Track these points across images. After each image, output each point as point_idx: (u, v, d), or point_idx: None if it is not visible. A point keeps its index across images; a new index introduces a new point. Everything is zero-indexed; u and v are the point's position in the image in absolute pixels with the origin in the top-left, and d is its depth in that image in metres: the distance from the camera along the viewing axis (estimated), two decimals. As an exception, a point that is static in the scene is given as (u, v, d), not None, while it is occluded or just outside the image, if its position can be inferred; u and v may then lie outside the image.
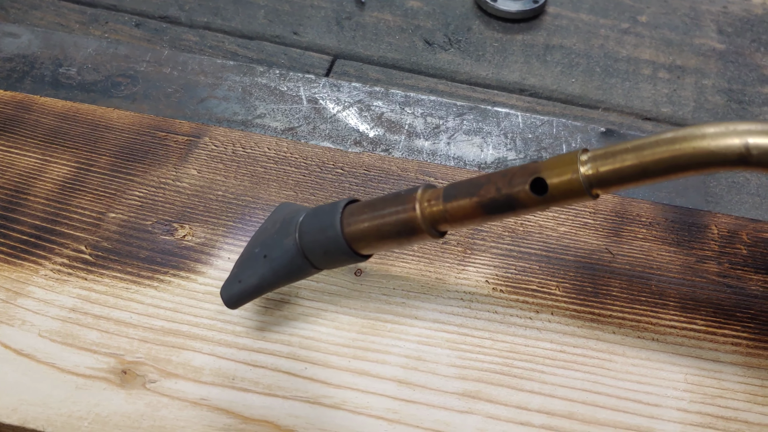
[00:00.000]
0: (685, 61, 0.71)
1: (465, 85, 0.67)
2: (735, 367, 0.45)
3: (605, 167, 0.34)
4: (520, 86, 0.68)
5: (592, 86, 0.68)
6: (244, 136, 0.54)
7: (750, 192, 0.60)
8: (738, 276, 0.49)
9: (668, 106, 0.67)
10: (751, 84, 0.70)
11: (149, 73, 0.62)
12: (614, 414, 0.42)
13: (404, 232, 0.38)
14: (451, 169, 0.54)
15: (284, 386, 0.42)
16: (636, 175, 0.34)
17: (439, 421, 0.42)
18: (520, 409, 0.42)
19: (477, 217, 0.37)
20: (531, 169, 0.36)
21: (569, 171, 0.35)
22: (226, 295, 0.42)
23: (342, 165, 0.53)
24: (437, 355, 0.44)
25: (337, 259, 0.40)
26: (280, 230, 0.41)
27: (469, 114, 0.62)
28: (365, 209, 0.39)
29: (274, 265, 0.40)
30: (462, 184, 0.38)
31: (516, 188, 0.36)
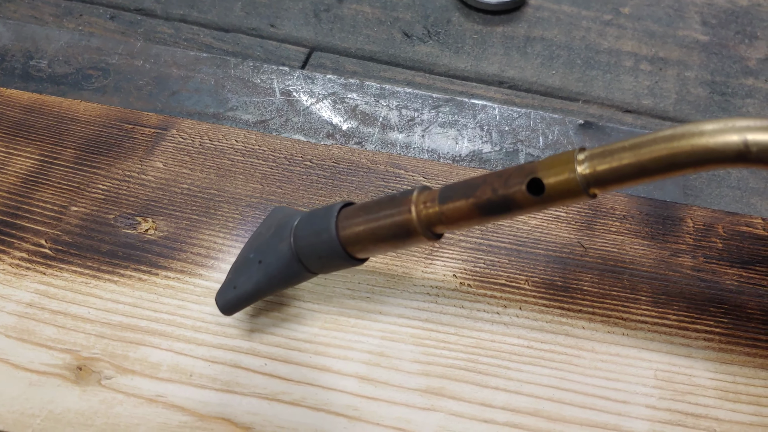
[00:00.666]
0: (668, 53, 0.70)
1: (443, 78, 0.66)
2: (707, 362, 0.44)
3: (602, 166, 0.33)
4: (499, 78, 0.66)
5: (573, 78, 0.67)
6: (212, 129, 0.53)
7: (730, 185, 0.59)
8: (713, 270, 0.48)
9: (649, 99, 0.66)
10: (734, 76, 0.68)
11: (121, 66, 0.61)
12: (581, 411, 0.41)
13: (400, 234, 0.38)
14: (422, 161, 0.53)
15: (243, 383, 0.41)
16: (634, 174, 0.33)
17: (401, 418, 0.41)
18: (484, 406, 0.41)
19: (473, 219, 0.37)
20: (527, 170, 0.35)
21: (566, 171, 0.34)
22: (221, 302, 0.41)
23: (311, 157, 0.52)
24: (401, 350, 0.43)
25: (333, 263, 0.39)
26: (274, 235, 0.40)
27: (445, 106, 0.61)
28: (360, 212, 0.38)
29: (270, 270, 0.40)
30: (458, 186, 0.37)
31: (512, 189, 0.35)
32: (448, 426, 0.40)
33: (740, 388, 0.43)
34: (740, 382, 0.43)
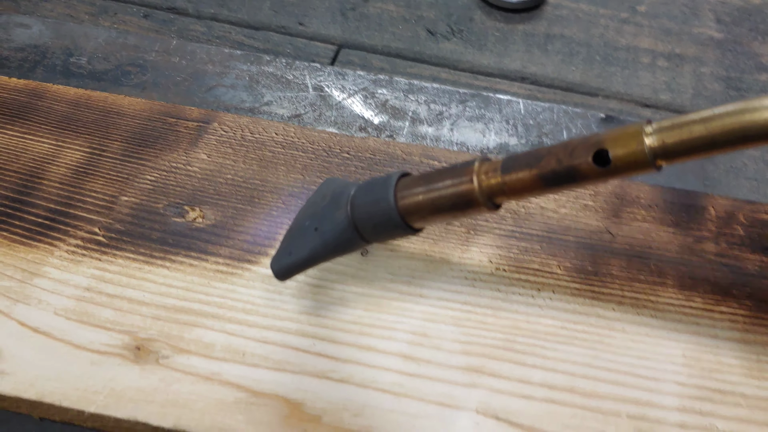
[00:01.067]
0: (684, 49, 0.72)
1: (467, 74, 0.68)
2: (732, 342, 0.46)
3: (672, 139, 0.34)
4: (521, 74, 0.69)
5: (592, 74, 0.69)
6: (252, 122, 0.55)
7: (747, 176, 0.62)
8: (735, 255, 0.51)
9: (667, 94, 0.68)
10: (749, 72, 0.71)
11: (158, 63, 0.63)
12: (614, 387, 0.44)
13: (460, 204, 0.39)
14: (454, 153, 0.55)
15: (293, 362, 0.44)
16: (704, 146, 0.34)
17: (444, 394, 0.43)
18: (523, 383, 0.44)
19: (536, 189, 0.37)
20: (593, 141, 0.36)
21: (634, 142, 0.35)
22: (276, 267, 0.42)
23: (348, 149, 0.54)
24: (442, 331, 0.45)
25: (389, 232, 0.40)
26: (330, 203, 0.41)
27: (471, 101, 0.63)
28: (420, 182, 0.39)
29: (325, 237, 0.41)
30: (521, 156, 0.38)
31: (578, 160, 0.36)
32: (489, 401, 0.43)
33: (764, 366, 0.45)
34: (764, 360, 0.45)
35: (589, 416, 0.42)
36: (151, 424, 0.41)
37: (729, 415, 0.43)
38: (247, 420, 0.41)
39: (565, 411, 0.42)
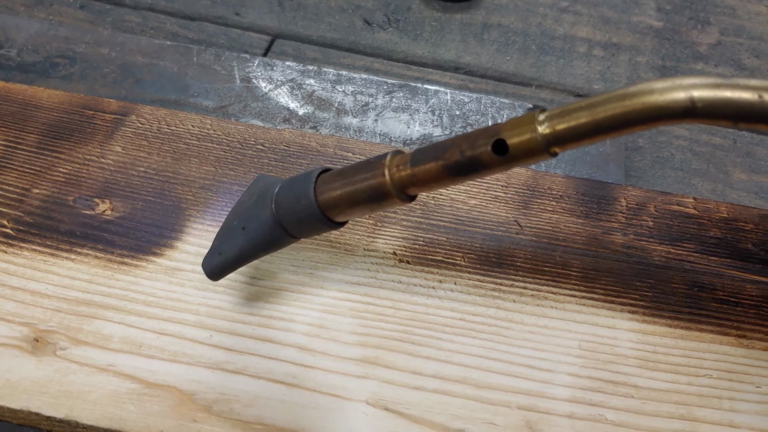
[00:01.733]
0: (621, 38, 0.72)
1: (401, 64, 0.68)
2: (630, 333, 0.46)
3: (561, 125, 0.35)
4: (455, 64, 0.69)
5: (527, 64, 0.69)
6: (169, 114, 0.56)
7: (674, 167, 0.62)
8: (642, 247, 0.51)
9: (600, 83, 0.68)
10: (684, 61, 0.70)
11: (87, 54, 0.63)
12: (507, 379, 0.44)
13: (375, 197, 0.40)
14: (369, 144, 0.55)
15: (189, 353, 0.44)
16: (590, 132, 0.35)
17: (336, 385, 0.43)
18: (415, 374, 0.44)
19: (443, 180, 0.39)
20: (492, 131, 0.37)
21: (528, 131, 0.36)
22: (207, 268, 0.43)
23: (263, 141, 0.55)
24: (340, 323, 0.46)
25: (313, 227, 0.41)
26: (256, 202, 0.42)
27: (398, 92, 0.63)
28: (337, 177, 0.40)
29: (253, 236, 0.42)
30: (428, 149, 0.39)
31: (479, 150, 0.37)
32: (381, 392, 0.43)
33: (660, 357, 0.45)
34: (660, 351, 0.46)
35: (479, 407, 0.43)
36: (44, 414, 0.42)
37: (619, 406, 0.43)
38: (138, 411, 0.42)
39: (456, 402, 0.43)
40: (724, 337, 0.47)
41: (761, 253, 0.51)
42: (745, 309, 0.48)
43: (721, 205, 0.53)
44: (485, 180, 0.54)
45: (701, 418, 0.43)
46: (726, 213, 0.53)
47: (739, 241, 0.51)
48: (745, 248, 0.51)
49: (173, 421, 0.42)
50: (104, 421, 0.41)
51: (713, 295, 0.49)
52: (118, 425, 0.41)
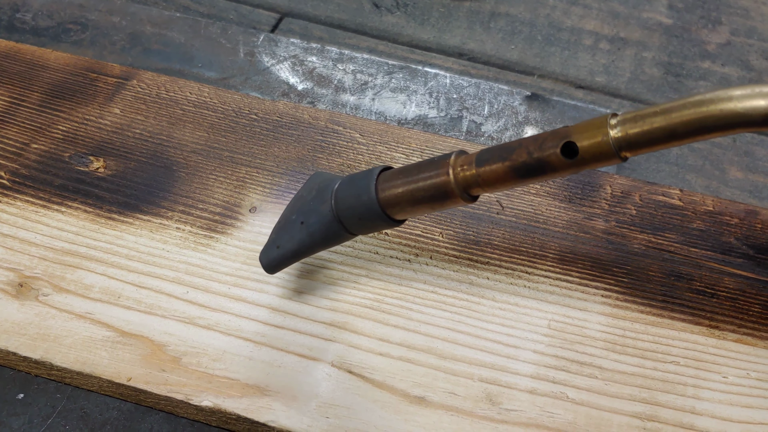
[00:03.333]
0: (629, 33, 0.72)
1: (405, 47, 0.69)
2: (601, 317, 0.47)
3: (634, 130, 0.35)
4: (459, 50, 0.69)
5: (531, 53, 0.69)
6: (169, 81, 0.57)
7: (669, 161, 0.62)
8: (623, 234, 0.51)
9: (603, 76, 0.68)
10: (691, 59, 0.70)
11: (99, 22, 0.65)
12: (472, 351, 0.45)
13: (437, 196, 0.40)
14: (359, 119, 0.56)
15: (164, 306, 0.45)
16: (664, 138, 0.35)
17: (304, 346, 0.44)
18: (382, 341, 0.45)
19: (509, 181, 0.39)
20: (562, 134, 0.37)
21: (599, 134, 0.36)
22: (265, 260, 0.44)
23: (257, 111, 0.56)
24: (314, 287, 0.47)
25: (372, 224, 0.42)
26: (316, 197, 0.43)
27: (398, 73, 0.64)
28: (399, 175, 0.41)
29: (311, 231, 0.42)
30: (494, 149, 0.39)
31: (547, 152, 0.37)
32: (346, 356, 0.44)
33: (628, 342, 0.46)
34: (629, 336, 0.46)
35: (441, 376, 0.43)
36: (20, 354, 0.43)
37: (582, 385, 0.44)
38: (110, 357, 0.43)
39: (419, 370, 0.44)
40: (696, 327, 0.47)
41: (743, 248, 0.51)
42: (720, 301, 0.48)
43: (707, 198, 0.53)
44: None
45: (663, 403, 0.43)
46: (712, 206, 0.53)
47: (722, 235, 0.51)
48: (728, 242, 0.51)
49: (142, 369, 0.43)
50: (77, 364, 0.43)
51: (689, 285, 0.48)
52: (90, 369, 0.43)
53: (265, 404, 0.42)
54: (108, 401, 0.44)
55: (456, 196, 0.40)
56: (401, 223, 0.43)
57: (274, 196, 0.51)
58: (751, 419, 0.43)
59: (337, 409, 0.42)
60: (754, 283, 0.49)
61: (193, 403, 0.42)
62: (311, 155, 0.54)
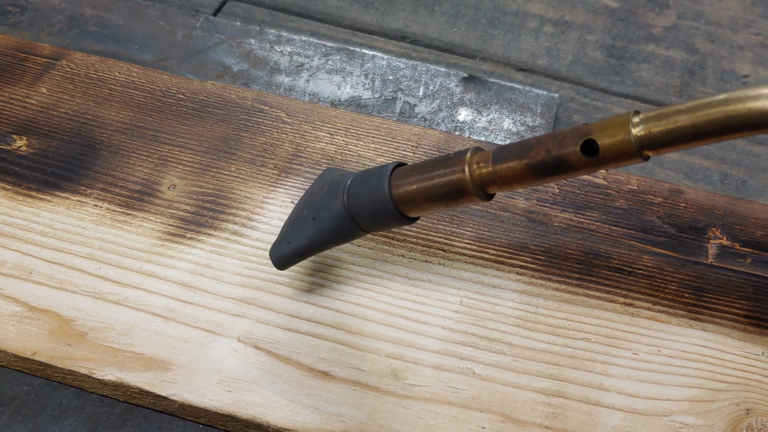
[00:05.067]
0: (574, 17, 0.71)
1: (347, 30, 0.69)
2: (514, 294, 0.46)
3: (658, 128, 0.34)
4: (402, 33, 0.69)
5: (473, 36, 0.69)
6: (99, 61, 0.57)
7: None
8: (545, 212, 0.51)
9: (545, 59, 0.68)
10: (635, 42, 0.70)
11: (39, 4, 0.65)
12: (381, 327, 0.45)
13: (453, 194, 0.39)
14: (286, 99, 0.56)
15: (75, 282, 0.45)
16: (689, 137, 0.34)
17: (212, 321, 0.44)
18: (291, 316, 0.45)
19: (527, 179, 0.38)
20: (582, 131, 0.36)
21: (621, 132, 0.35)
22: (275, 256, 0.43)
23: (184, 91, 0.56)
24: (226, 263, 0.47)
25: (385, 221, 0.41)
26: (327, 193, 0.42)
27: (335, 55, 0.64)
28: (413, 172, 0.40)
29: (322, 227, 0.41)
30: (512, 147, 0.38)
31: (566, 150, 0.36)
32: (253, 331, 0.44)
33: (540, 318, 0.45)
34: (541, 313, 0.46)
35: (348, 351, 0.43)
36: (-73, 329, 0.43)
37: (489, 361, 0.43)
38: (17, 331, 0.43)
39: (326, 345, 0.44)
40: (610, 304, 0.46)
41: (665, 227, 0.51)
42: (637, 278, 0.48)
43: (632, 177, 0.53)
44: (396, 139, 0.54)
45: (570, 379, 0.43)
46: (636, 185, 0.53)
47: (644, 213, 0.51)
48: (650, 221, 0.51)
49: (48, 344, 0.43)
50: (-18, 338, 0.43)
51: (607, 263, 0.48)
52: (-5, 343, 0.43)
53: (168, 378, 0.42)
54: (19, 376, 0.44)
55: (471, 194, 0.39)
56: (414, 220, 0.42)
57: (195, 174, 0.51)
58: (658, 395, 0.43)
59: (239, 383, 0.42)
60: (673, 262, 0.49)
61: (97, 377, 0.42)
62: (235, 134, 0.53)
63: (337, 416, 0.41)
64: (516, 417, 0.41)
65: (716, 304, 0.47)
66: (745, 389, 0.43)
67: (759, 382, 0.44)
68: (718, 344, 0.45)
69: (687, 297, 0.47)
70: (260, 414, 0.41)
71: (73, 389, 0.44)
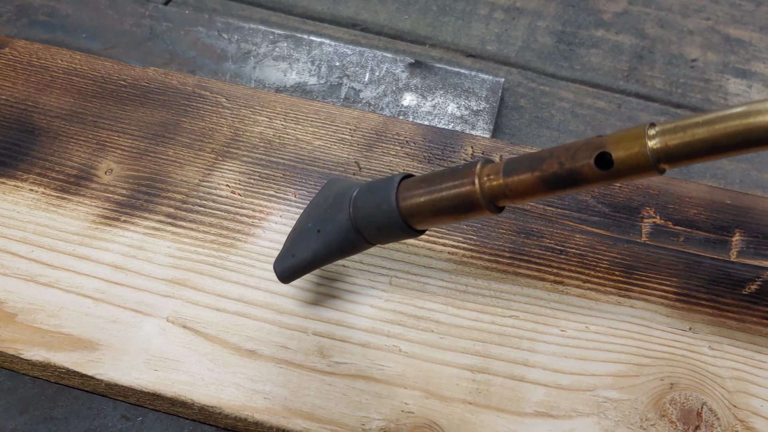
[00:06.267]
0: (525, 3, 0.72)
1: (298, 18, 0.69)
2: (444, 273, 0.47)
3: (674, 141, 0.33)
4: (353, 21, 0.69)
5: (424, 23, 0.69)
6: (42, 48, 0.57)
7: (550, 127, 0.62)
8: (479, 194, 0.51)
9: (494, 45, 0.68)
10: (585, 27, 0.70)
11: (-11, -5, 0.66)
12: (310, 307, 0.45)
13: (462, 207, 0.38)
14: (229, 85, 0.56)
15: (7, 265, 0.46)
16: (706, 150, 0.33)
17: (141, 302, 0.45)
18: (220, 297, 0.45)
19: (538, 192, 0.37)
20: (596, 144, 0.35)
21: (637, 145, 0.34)
22: (279, 269, 0.42)
23: (126, 77, 0.56)
24: (159, 245, 0.47)
25: (392, 234, 0.40)
26: (332, 205, 0.41)
27: (283, 42, 0.64)
28: (421, 184, 0.39)
29: (328, 240, 0.41)
30: (523, 159, 0.37)
31: (580, 162, 0.35)
32: (182, 311, 0.44)
33: (469, 297, 0.46)
34: (471, 291, 0.46)
35: (275, 331, 0.44)
36: None
37: (416, 339, 0.44)
38: (-55, 314, 0.44)
39: (254, 324, 0.44)
40: (540, 282, 0.47)
41: (599, 206, 0.51)
42: (568, 257, 0.48)
43: (568, 159, 0.53)
44: (335, 123, 0.54)
45: (496, 356, 0.43)
46: (572, 166, 0.53)
47: (579, 193, 0.51)
48: (584, 200, 0.51)
49: (-23, 326, 0.43)
50: None
51: (539, 242, 0.49)
52: (-77, 325, 0.43)
53: (95, 358, 0.42)
54: (-48, 359, 0.45)
55: (482, 207, 0.38)
56: (422, 233, 0.41)
57: (132, 159, 0.51)
58: (584, 371, 0.43)
59: (166, 362, 0.42)
60: (605, 240, 0.49)
61: (25, 357, 0.42)
62: (175, 119, 0.54)
63: (261, 393, 0.41)
64: (440, 393, 0.42)
65: (646, 282, 0.47)
66: (671, 364, 0.44)
67: (685, 357, 0.44)
68: (645, 321, 0.46)
69: (617, 275, 0.48)
70: (185, 392, 0.41)
71: (6, 371, 0.44)
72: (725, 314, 0.46)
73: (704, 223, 0.51)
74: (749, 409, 0.42)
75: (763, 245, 0.50)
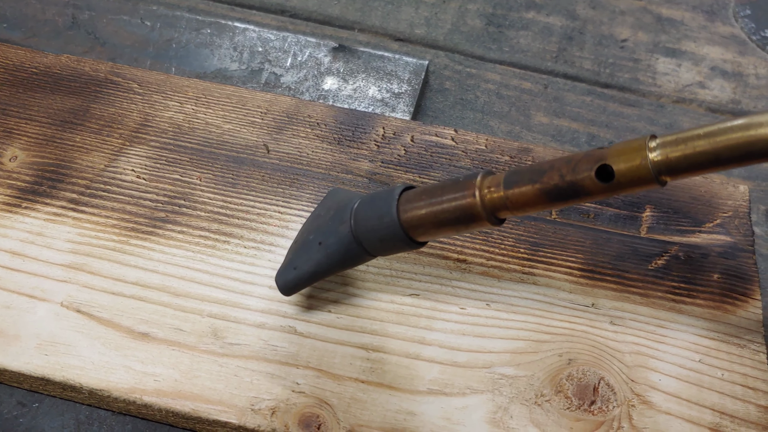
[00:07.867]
0: (457, -14, 0.71)
1: (226, 6, 0.69)
2: (350, 254, 0.46)
3: (675, 154, 0.33)
4: (281, 8, 0.69)
5: (353, 8, 0.69)
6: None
7: (475, 109, 0.61)
8: (388, 174, 0.51)
9: (423, 28, 0.68)
10: (516, 9, 0.70)
11: None
12: (207, 289, 0.45)
13: (463, 219, 0.38)
14: (142, 71, 0.56)
15: None
16: (708, 162, 0.33)
17: (37, 287, 0.44)
18: (116, 281, 0.45)
19: (539, 204, 0.37)
20: (596, 156, 0.35)
21: (638, 157, 0.34)
22: (281, 282, 0.42)
23: (38, 65, 0.56)
24: (59, 231, 0.47)
25: (393, 246, 0.40)
26: (334, 217, 0.41)
27: (206, 28, 0.64)
28: (422, 196, 0.39)
29: (329, 252, 0.41)
30: (524, 171, 0.37)
31: (581, 175, 0.35)
32: (77, 296, 0.44)
33: (367, 276, 0.46)
34: (371, 271, 0.46)
35: (170, 313, 0.43)
36: None
37: (312, 319, 0.44)
38: None
39: (149, 307, 0.44)
40: (442, 261, 0.47)
41: (509, 185, 0.50)
42: (473, 235, 0.48)
43: (480, 137, 0.53)
44: (246, 106, 0.54)
45: (392, 334, 0.43)
46: (484, 145, 0.53)
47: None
48: (494, 179, 0.51)
49: None
50: None
51: (445, 222, 0.48)
52: None
53: (-15, 344, 0.42)
54: None
55: (482, 219, 0.38)
56: (423, 244, 0.41)
57: (38, 146, 0.51)
58: (481, 348, 0.43)
59: (57, 347, 0.42)
60: (512, 219, 0.49)
61: None
62: (84, 106, 0.54)
63: (151, 375, 0.41)
64: (332, 372, 0.41)
65: (551, 258, 0.47)
66: (570, 340, 0.43)
67: (585, 333, 0.44)
68: (548, 297, 0.45)
69: (522, 252, 0.47)
70: (74, 376, 0.41)
71: None
72: (629, 289, 0.46)
73: (615, 199, 0.50)
74: (647, 384, 0.42)
75: (672, 221, 0.50)
